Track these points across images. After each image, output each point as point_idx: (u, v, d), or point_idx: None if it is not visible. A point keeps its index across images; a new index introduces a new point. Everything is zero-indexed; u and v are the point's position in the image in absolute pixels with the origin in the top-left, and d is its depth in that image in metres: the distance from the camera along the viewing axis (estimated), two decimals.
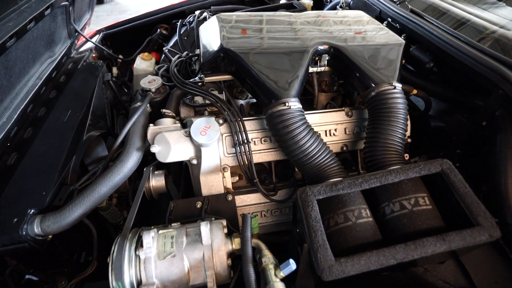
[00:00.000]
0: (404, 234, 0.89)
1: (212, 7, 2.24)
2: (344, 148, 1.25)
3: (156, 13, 2.40)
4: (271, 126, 1.06)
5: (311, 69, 1.23)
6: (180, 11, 2.40)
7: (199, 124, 1.10)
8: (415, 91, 1.34)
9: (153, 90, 1.34)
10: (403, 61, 1.37)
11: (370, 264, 0.77)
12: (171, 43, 2.24)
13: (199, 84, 1.36)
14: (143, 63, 2.23)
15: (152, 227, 0.99)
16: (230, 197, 1.12)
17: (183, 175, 1.34)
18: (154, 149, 1.12)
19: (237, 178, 1.24)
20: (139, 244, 0.87)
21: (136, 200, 1.09)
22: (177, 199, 1.24)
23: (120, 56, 2.46)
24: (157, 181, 1.24)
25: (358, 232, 0.86)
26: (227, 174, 1.21)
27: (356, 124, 1.27)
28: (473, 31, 1.39)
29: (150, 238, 0.86)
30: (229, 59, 1.12)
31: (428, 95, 1.40)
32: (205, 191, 1.16)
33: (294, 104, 1.03)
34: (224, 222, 0.97)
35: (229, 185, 1.22)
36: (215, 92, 1.48)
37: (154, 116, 1.33)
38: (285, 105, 1.01)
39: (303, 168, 1.04)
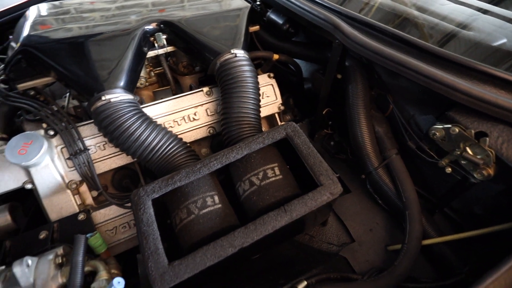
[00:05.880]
0: (256, 213, 0.82)
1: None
2: (211, 131, 1.16)
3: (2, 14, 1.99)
4: (97, 126, 0.91)
5: (151, 53, 1.09)
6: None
7: (16, 142, 0.91)
8: (276, 56, 1.28)
9: None
10: (258, 26, 1.29)
11: (207, 259, 0.69)
12: None
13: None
14: None
15: None
16: (82, 216, 0.96)
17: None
18: None
19: None
20: None
21: None
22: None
23: None
24: None
25: (201, 225, 0.78)
26: (83, 189, 1.05)
27: (219, 103, 1.17)
28: None
29: None
30: (33, 58, 0.93)
31: (294, 57, 1.35)
32: (54, 215, 0.99)
33: (115, 96, 0.88)
34: (60, 250, 0.82)
35: (89, 201, 1.07)
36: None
37: None
38: (101, 99, 0.86)
39: (149, 164, 0.92)
